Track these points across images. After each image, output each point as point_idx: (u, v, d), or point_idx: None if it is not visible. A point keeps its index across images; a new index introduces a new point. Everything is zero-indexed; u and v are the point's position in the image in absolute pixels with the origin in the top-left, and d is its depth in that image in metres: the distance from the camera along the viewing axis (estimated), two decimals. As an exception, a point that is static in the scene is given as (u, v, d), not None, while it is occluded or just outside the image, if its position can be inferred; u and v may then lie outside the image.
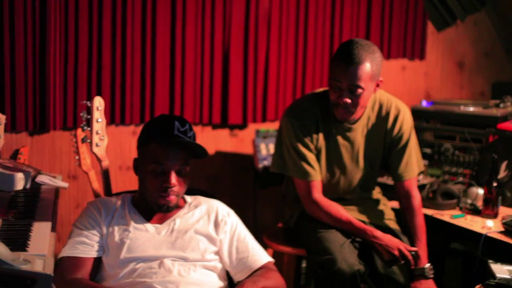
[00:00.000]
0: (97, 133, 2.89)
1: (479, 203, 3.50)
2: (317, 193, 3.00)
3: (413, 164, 3.12)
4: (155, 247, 2.45)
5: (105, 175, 2.91)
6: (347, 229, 2.94)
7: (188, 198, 2.63)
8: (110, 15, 3.64)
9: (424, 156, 3.97)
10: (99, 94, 3.64)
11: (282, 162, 3.08)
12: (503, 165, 3.51)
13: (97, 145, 2.89)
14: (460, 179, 3.84)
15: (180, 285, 2.35)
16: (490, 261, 2.67)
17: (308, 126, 2.99)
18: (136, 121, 3.82)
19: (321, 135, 3.00)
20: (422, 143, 3.95)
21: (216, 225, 2.56)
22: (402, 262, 2.83)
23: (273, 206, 4.15)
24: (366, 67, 2.78)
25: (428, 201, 3.52)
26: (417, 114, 4.05)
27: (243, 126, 4.12)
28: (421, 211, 3.09)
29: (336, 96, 2.86)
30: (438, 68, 4.63)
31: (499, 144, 3.66)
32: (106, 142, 2.92)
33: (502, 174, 3.51)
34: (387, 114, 3.06)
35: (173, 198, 2.46)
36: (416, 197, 3.10)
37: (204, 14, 3.86)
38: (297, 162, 3.00)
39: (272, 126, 4.11)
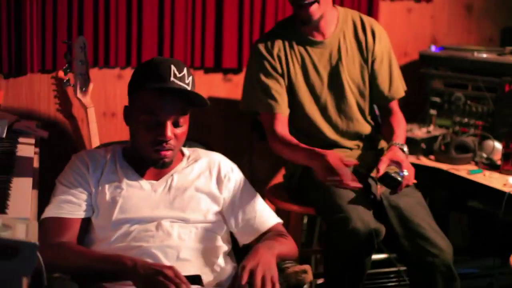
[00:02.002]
0: (81, 75, 2.57)
1: (496, 158, 3.26)
2: (281, 127, 2.81)
3: (399, 83, 2.96)
4: (151, 206, 2.16)
5: (92, 124, 2.61)
6: (301, 161, 2.75)
7: (186, 151, 2.34)
8: None
9: (433, 105, 3.71)
10: (80, 33, 3.28)
11: (246, 99, 2.92)
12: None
13: (82, 89, 2.58)
14: (472, 130, 3.58)
15: (181, 250, 2.08)
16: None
17: (275, 51, 2.82)
18: (121, 64, 3.47)
19: (293, 58, 2.83)
20: (430, 92, 3.69)
21: (219, 182, 2.27)
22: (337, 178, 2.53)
23: (271, 158, 3.87)
24: None
25: (440, 155, 3.28)
26: (426, 59, 3.78)
27: (238, 70, 3.79)
28: (403, 120, 2.95)
29: None
30: (445, 11, 4.31)
31: (517, 94, 3.40)
32: (91, 86, 2.61)
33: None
34: (364, 28, 2.89)
35: (169, 153, 2.16)
36: (399, 111, 2.98)
37: None
38: (259, 95, 2.81)
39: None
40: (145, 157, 2.18)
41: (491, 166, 3.19)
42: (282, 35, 2.86)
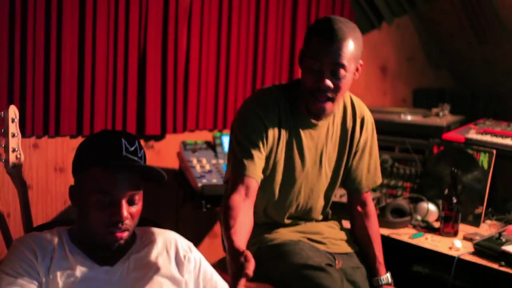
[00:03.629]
0: (13, 150, 2.34)
1: (431, 219, 3.24)
2: (240, 192, 2.36)
3: (375, 175, 2.76)
4: (112, 298, 1.94)
5: (25, 203, 2.36)
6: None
7: (137, 231, 2.14)
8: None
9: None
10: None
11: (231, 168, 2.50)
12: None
13: (14, 165, 2.34)
14: (400, 192, 3.56)
15: None
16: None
17: (269, 119, 2.47)
18: (38, 133, 3.24)
19: (283, 132, 2.50)
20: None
21: (179, 263, 2.09)
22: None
23: (198, 225, 3.71)
24: (350, 44, 2.35)
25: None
26: (351, 122, 3.74)
27: (160, 137, 3.63)
28: (377, 220, 2.78)
29: (314, 80, 2.39)
30: (362, 73, 4.33)
31: (446, 156, 3.42)
32: (23, 160, 2.37)
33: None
34: (354, 114, 2.65)
35: (125, 234, 1.97)
36: (372, 204, 2.78)
37: (117, 10, 3.33)
38: (238, 158, 2.43)
39: (199, 137, 3.65)
40: (97, 240, 1.96)
41: (429, 228, 3.16)
42: (279, 103, 2.51)
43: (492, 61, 4.27)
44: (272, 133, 2.49)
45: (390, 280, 2.64)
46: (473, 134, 3.43)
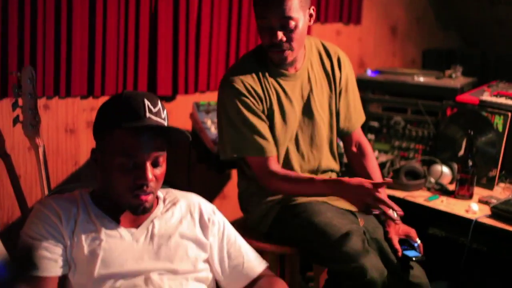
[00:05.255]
0: (31, 111, 2.31)
1: (445, 182, 3.23)
2: (274, 165, 2.60)
3: (361, 111, 2.90)
4: (135, 258, 1.93)
5: (44, 164, 2.33)
6: (313, 192, 2.55)
7: (160, 193, 2.12)
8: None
9: (371, 130, 3.67)
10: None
11: (232, 143, 2.62)
12: (464, 141, 3.24)
13: (31, 126, 2.31)
14: (412, 154, 3.55)
15: (175, 306, 1.86)
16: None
17: (253, 87, 2.59)
18: (49, 93, 3.18)
19: (269, 93, 2.62)
20: (368, 116, 3.64)
21: (203, 226, 2.08)
22: (377, 212, 2.40)
23: (209, 187, 3.69)
24: None
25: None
26: (363, 84, 3.70)
27: (172, 97, 3.58)
28: (374, 156, 2.89)
29: (268, 37, 2.52)
30: (372, 34, 4.32)
31: (459, 118, 3.40)
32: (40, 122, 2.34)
33: (463, 150, 3.25)
34: (329, 55, 2.76)
35: (150, 197, 1.95)
36: (367, 142, 2.89)
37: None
38: (248, 137, 2.58)
39: (210, 98, 3.61)
40: (122, 203, 1.95)
41: (443, 191, 3.16)
42: (254, 70, 2.63)
43: (504, 21, 4.22)
44: (261, 105, 2.60)
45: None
46: (487, 96, 3.41)
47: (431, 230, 2.96)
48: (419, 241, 2.56)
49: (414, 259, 2.49)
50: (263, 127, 2.58)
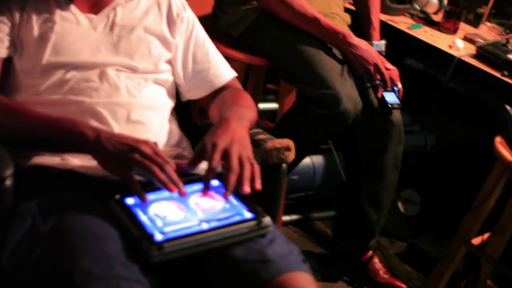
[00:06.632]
0: None
1: (430, 11, 3.02)
2: None
3: None
4: (91, 48, 1.69)
5: None
6: (311, 31, 2.29)
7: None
8: None
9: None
10: None
11: None
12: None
13: None
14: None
15: (132, 109, 1.65)
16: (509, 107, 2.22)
17: None
18: None
19: None
20: None
21: (171, 22, 1.82)
22: (377, 82, 2.29)
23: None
24: None
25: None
26: None
27: None
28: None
29: None
30: None
31: None
32: None
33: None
34: None
35: None
36: None
37: None
38: None
39: None
40: None
41: (427, 21, 2.94)
42: None
43: None
44: None
45: (383, 48, 2.45)
46: None
47: (408, 60, 2.78)
48: (400, 85, 2.37)
49: (390, 106, 2.32)
50: None
